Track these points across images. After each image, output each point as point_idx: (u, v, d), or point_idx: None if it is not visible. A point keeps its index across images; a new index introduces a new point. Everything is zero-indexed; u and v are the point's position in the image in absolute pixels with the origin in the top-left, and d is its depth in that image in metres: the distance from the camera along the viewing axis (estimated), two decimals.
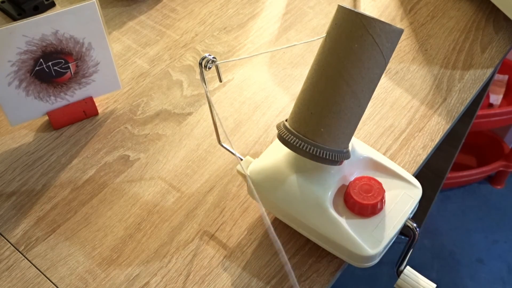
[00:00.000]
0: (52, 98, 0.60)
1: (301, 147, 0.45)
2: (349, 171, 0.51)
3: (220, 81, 0.52)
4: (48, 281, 0.50)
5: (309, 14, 0.77)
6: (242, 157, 0.55)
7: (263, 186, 0.50)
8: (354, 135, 0.49)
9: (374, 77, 0.45)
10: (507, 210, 1.60)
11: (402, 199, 0.51)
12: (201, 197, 0.57)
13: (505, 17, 0.76)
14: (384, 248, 0.48)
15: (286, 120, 0.48)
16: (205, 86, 0.48)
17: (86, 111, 0.63)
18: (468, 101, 0.67)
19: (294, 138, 0.46)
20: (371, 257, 0.47)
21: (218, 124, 0.54)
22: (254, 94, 0.67)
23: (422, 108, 0.66)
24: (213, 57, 0.48)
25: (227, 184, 0.58)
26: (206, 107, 0.65)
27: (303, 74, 0.69)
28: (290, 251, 0.53)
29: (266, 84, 0.68)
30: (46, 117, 0.62)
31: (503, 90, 1.55)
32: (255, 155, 0.59)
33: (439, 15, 0.77)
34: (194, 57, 0.71)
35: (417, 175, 0.57)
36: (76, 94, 0.61)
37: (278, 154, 0.51)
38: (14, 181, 0.58)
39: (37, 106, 0.60)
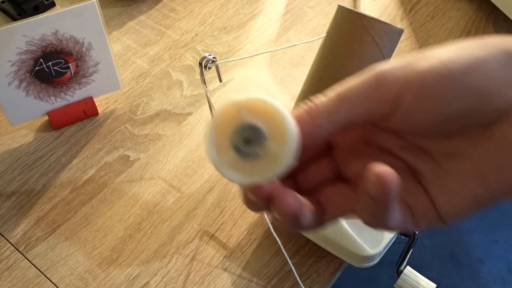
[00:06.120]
0: (52, 98, 0.60)
1: None
2: None
3: (220, 81, 0.52)
4: (48, 281, 0.50)
5: (309, 14, 0.77)
6: None
7: None
8: None
9: None
10: (507, 210, 1.60)
11: None
12: (201, 197, 0.57)
13: (505, 17, 0.76)
14: (384, 248, 0.48)
15: None
16: (205, 86, 0.48)
17: (86, 111, 0.63)
18: None
19: None
20: (371, 257, 0.47)
21: None
22: None
23: None
24: (213, 57, 0.48)
25: (227, 184, 0.58)
26: (206, 107, 0.65)
27: (303, 74, 0.69)
28: (290, 251, 0.53)
29: (266, 84, 0.68)
30: (46, 117, 0.62)
31: None
32: None
33: (439, 15, 0.77)
34: (194, 57, 0.71)
35: None
36: (76, 94, 0.61)
37: None
38: (14, 181, 0.58)
39: (37, 106, 0.60)
